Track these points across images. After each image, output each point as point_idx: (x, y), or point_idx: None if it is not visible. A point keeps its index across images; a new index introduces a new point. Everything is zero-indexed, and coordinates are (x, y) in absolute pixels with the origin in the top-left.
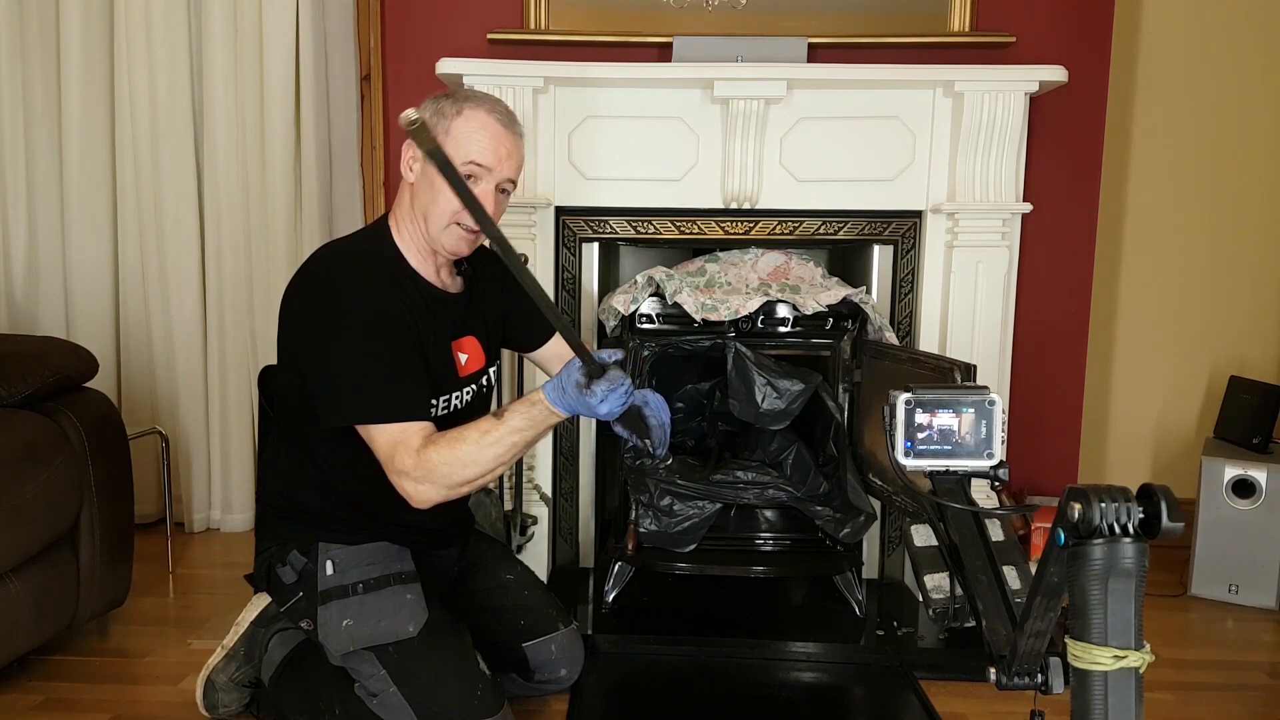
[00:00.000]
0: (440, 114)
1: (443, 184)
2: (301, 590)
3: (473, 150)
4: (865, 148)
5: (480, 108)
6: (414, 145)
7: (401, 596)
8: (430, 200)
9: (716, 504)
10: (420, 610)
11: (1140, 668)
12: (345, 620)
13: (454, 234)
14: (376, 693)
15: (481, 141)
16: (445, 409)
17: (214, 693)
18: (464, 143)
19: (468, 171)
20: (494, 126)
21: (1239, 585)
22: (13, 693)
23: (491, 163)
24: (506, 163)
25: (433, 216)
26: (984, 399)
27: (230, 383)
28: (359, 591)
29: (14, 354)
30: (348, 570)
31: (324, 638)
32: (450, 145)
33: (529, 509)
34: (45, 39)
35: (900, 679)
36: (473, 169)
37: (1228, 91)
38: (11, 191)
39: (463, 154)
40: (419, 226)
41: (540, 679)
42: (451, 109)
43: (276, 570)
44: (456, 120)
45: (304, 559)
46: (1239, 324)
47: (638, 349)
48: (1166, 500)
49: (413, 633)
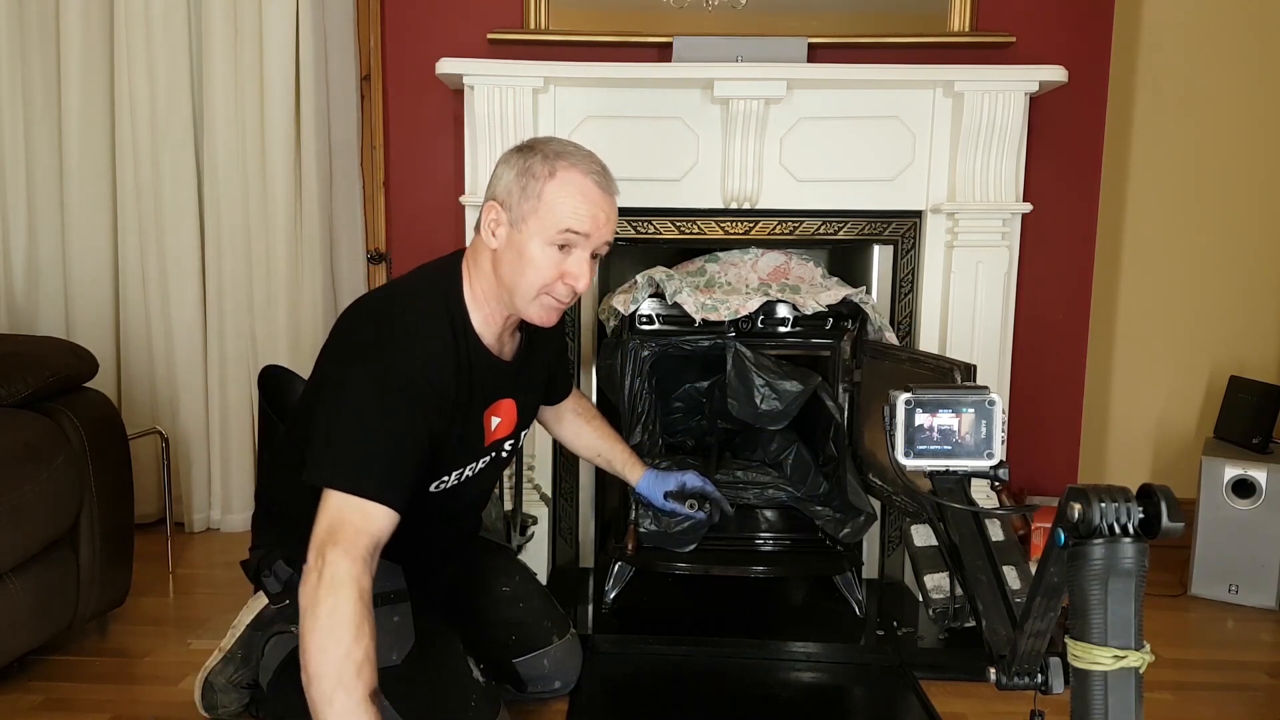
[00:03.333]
0: (530, 174)
1: (534, 253)
2: (289, 599)
3: (569, 218)
4: (865, 148)
5: (575, 168)
6: (498, 207)
7: (388, 620)
8: (518, 271)
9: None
10: (407, 635)
11: (1140, 668)
12: None
13: (543, 304)
14: None
15: (579, 208)
16: (456, 480)
17: (213, 694)
18: (559, 210)
19: (563, 240)
20: (591, 190)
21: (1239, 585)
22: (13, 693)
23: (589, 229)
24: (605, 228)
25: (521, 288)
26: (984, 399)
27: (230, 383)
28: None
29: (14, 354)
30: None
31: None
32: (542, 211)
33: (529, 509)
34: (45, 39)
35: (900, 679)
36: (569, 237)
37: (1228, 91)
38: (11, 191)
39: (557, 222)
40: (500, 293)
41: (533, 690)
42: (543, 169)
43: (263, 578)
44: (550, 184)
45: (289, 570)
46: (1239, 324)
47: (638, 349)
48: (1166, 500)
49: (396, 660)
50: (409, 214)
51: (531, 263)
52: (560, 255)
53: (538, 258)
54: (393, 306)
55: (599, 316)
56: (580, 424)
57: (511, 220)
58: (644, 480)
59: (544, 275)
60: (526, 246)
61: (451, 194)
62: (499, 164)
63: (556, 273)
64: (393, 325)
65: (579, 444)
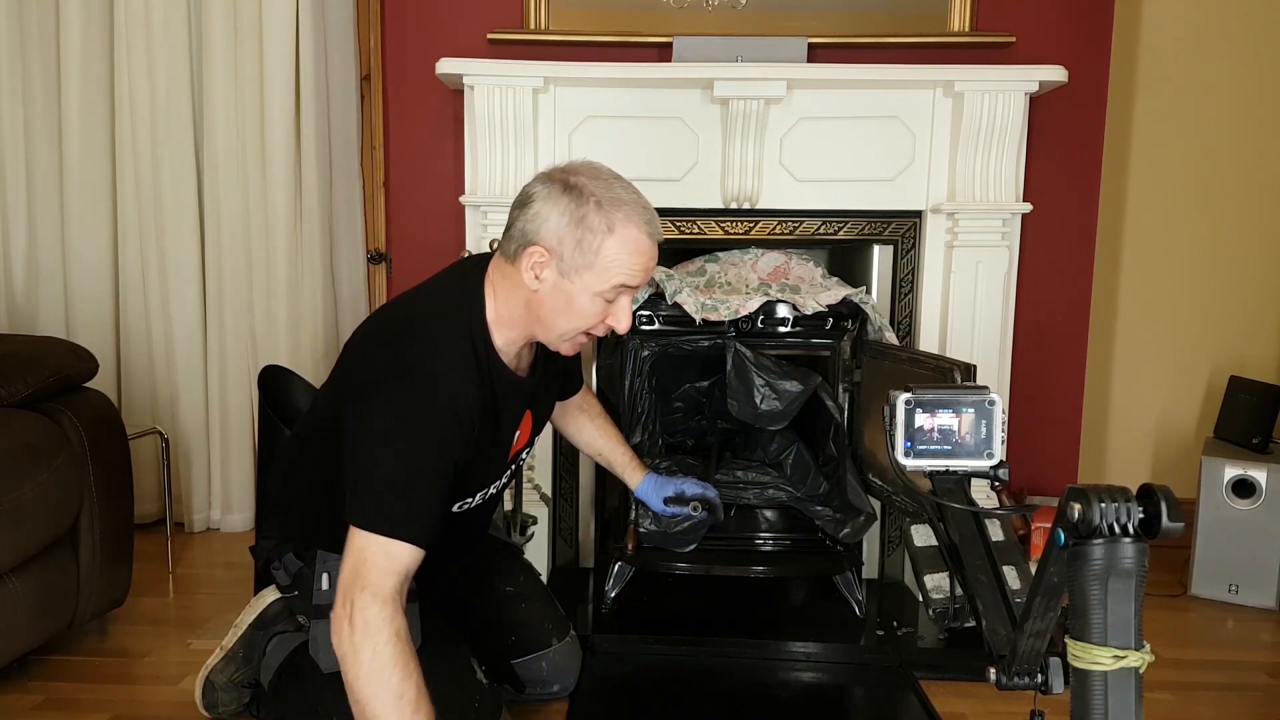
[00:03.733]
0: (586, 228)
1: (584, 304)
2: (297, 590)
3: (625, 275)
4: (865, 148)
5: (632, 223)
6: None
7: None
8: (562, 315)
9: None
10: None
11: (1140, 668)
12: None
13: (574, 343)
14: None
15: (636, 265)
16: (480, 499)
17: (213, 692)
18: (616, 268)
19: (615, 295)
20: (645, 245)
21: (1239, 585)
22: (13, 693)
23: (641, 282)
24: (650, 274)
25: (560, 328)
26: (984, 399)
27: (230, 383)
28: None
29: (14, 354)
30: None
31: (314, 653)
32: (599, 267)
33: (529, 509)
34: (45, 39)
35: (900, 679)
36: (621, 290)
37: (1228, 91)
38: (11, 191)
39: (612, 279)
40: (530, 328)
41: (532, 692)
42: (600, 223)
43: (272, 570)
44: (608, 240)
45: (299, 563)
46: (1239, 324)
47: (637, 349)
48: (1166, 500)
49: None
50: (409, 214)
51: (580, 312)
52: (606, 305)
53: (587, 308)
54: (413, 332)
55: None
56: (583, 420)
57: (561, 270)
58: (644, 485)
59: (589, 322)
60: (576, 297)
61: (451, 194)
62: (541, 202)
63: (601, 318)
64: (416, 354)
65: (580, 439)
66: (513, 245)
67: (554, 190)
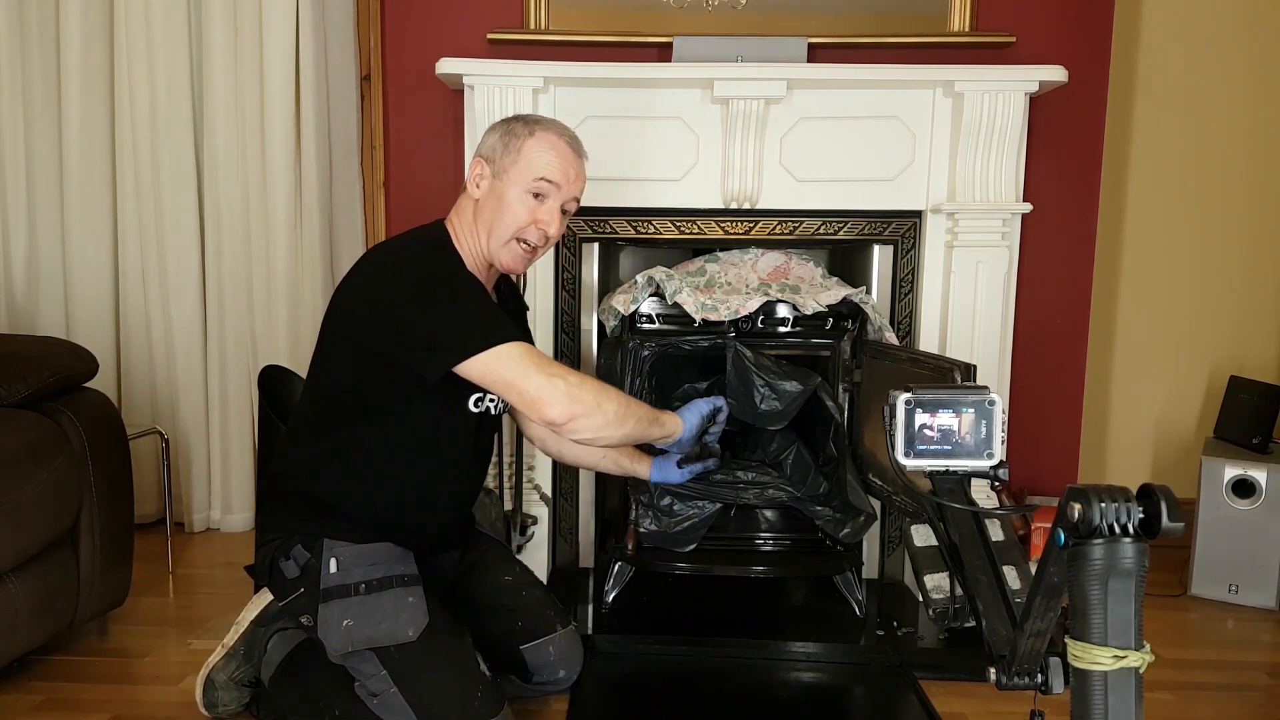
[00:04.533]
0: (511, 134)
1: (512, 200)
2: (303, 586)
3: (543, 169)
4: (865, 148)
5: (550, 130)
6: (484, 162)
7: (403, 600)
8: (498, 215)
9: (716, 504)
10: (421, 614)
11: (1140, 668)
12: (345, 620)
13: (513, 250)
14: (377, 692)
15: (552, 161)
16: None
17: (214, 691)
18: (535, 161)
19: (538, 189)
20: (563, 148)
21: (1239, 585)
22: (13, 693)
23: (560, 180)
24: (574, 183)
25: (496, 231)
26: (984, 399)
27: (230, 383)
28: (361, 592)
29: (14, 354)
30: (350, 569)
31: (323, 636)
32: (522, 164)
33: (529, 509)
34: (45, 39)
35: (900, 679)
36: (543, 185)
37: (1228, 91)
38: (11, 191)
39: (534, 171)
40: (478, 240)
41: (539, 680)
42: (523, 130)
43: (279, 564)
44: (529, 140)
45: (308, 554)
46: (1239, 324)
47: (637, 349)
48: (1166, 500)
49: (412, 637)
50: (409, 214)
51: (509, 207)
52: (535, 203)
53: (515, 203)
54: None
55: (599, 316)
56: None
57: (494, 172)
58: (654, 470)
59: (519, 219)
60: (506, 193)
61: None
62: (486, 132)
63: (530, 218)
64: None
65: (589, 458)
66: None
67: (496, 122)
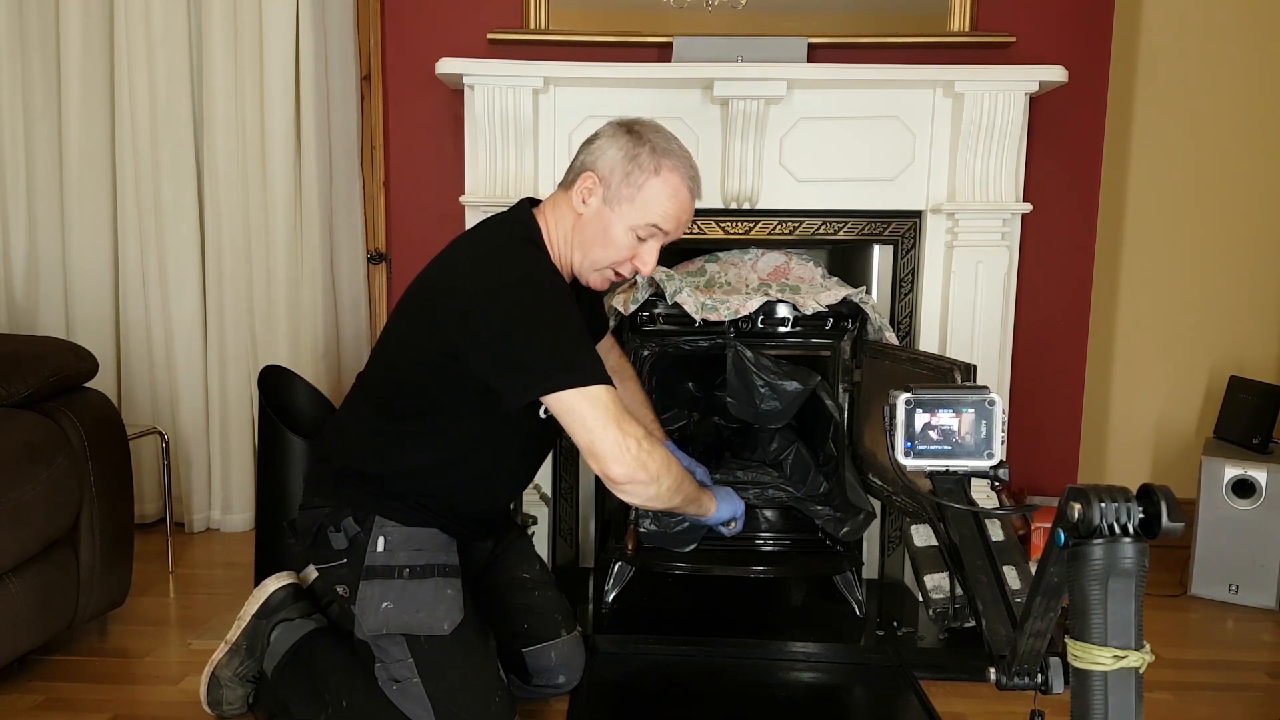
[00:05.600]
0: (637, 164)
1: (617, 235)
2: (347, 558)
3: (661, 217)
4: (865, 148)
5: (677, 171)
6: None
7: (443, 590)
8: (598, 243)
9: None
10: (458, 609)
11: (1140, 668)
12: (385, 602)
13: (603, 276)
14: (399, 678)
15: (670, 209)
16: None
17: (218, 688)
18: (654, 206)
19: (648, 233)
20: (684, 195)
21: (1239, 585)
22: (13, 693)
23: (672, 229)
24: (683, 227)
25: (594, 257)
26: (984, 399)
27: (230, 383)
28: (404, 576)
29: (14, 354)
30: (397, 551)
31: (360, 613)
32: (640, 202)
33: (529, 509)
34: (45, 39)
35: (900, 679)
36: (653, 231)
37: (1228, 91)
38: (11, 191)
39: (649, 216)
40: (571, 253)
41: (538, 684)
42: (650, 162)
43: (328, 532)
44: (653, 180)
45: (357, 528)
46: (1239, 324)
47: (637, 349)
48: (1166, 500)
49: (447, 630)
50: (409, 214)
51: (613, 241)
52: (637, 242)
53: (619, 239)
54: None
55: None
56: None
57: (606, 198)
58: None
59: (619, 255)
60: (613, 226)
61: (451, 194)
62: (604, 138)
63: (629, 255)
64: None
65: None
66: (571, 174)
67: (619, 131)
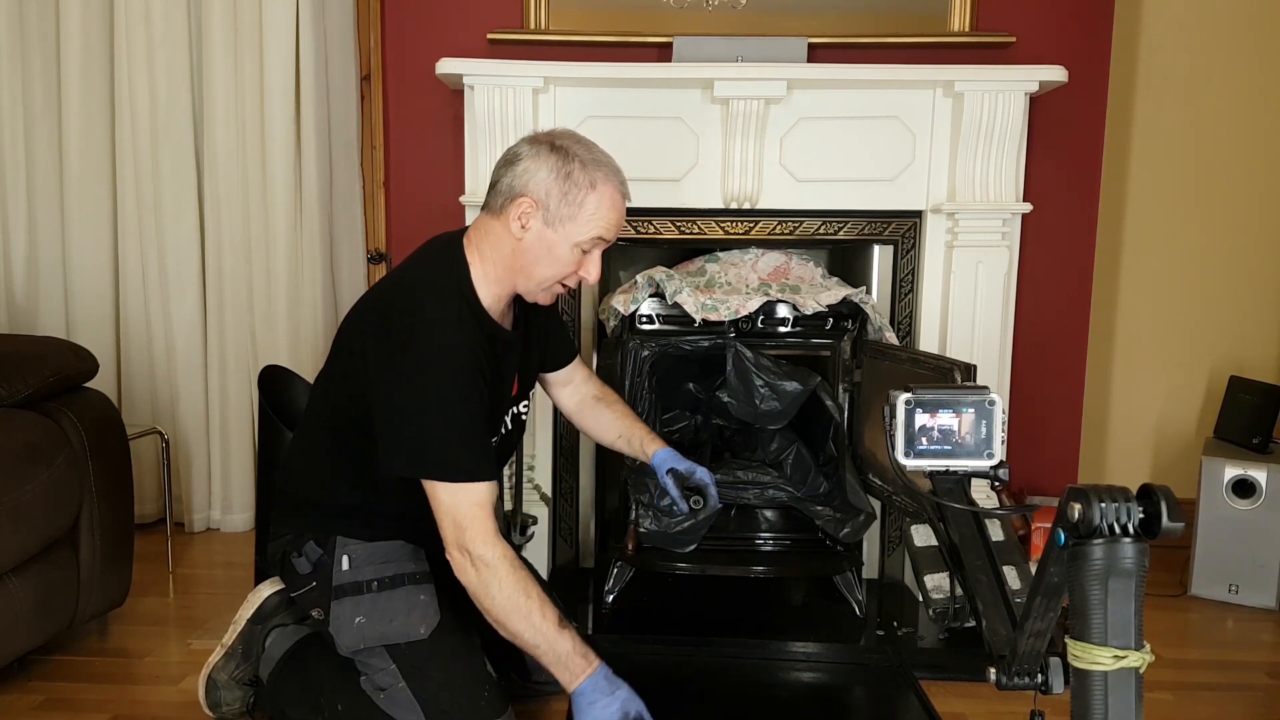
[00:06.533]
0: (571, 183)
1: (563, 253)
2: (315, 581)
3: (602, 228)
4: (865, 148)
5: (610, 182)
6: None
7: (415, 597)
8: (542, 264)
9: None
10: (433, 612)
11: (1140, 668)
12: (358, 618)
13: (551, 292)
14: (384, 687)
15: (613, 220)
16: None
17: (216, 691)
18: (595, 220)
19: (592, 246)
20: (619, 202)
21: (1239, 585)
22: (13, 693)
23: (613, 236)
24: (619, 231)
25: (539, 275)
26: (984, 399)
27: (230, 383)
28: (373, 589)
29: (14, 354)
30: (362, 567)
31: (335, 632)
32: (581, 220)
33: (529, 509)
34: (45, 39)
35: (900, 679)
36: (597, 242)
37: (1228, 91)
38: (11, 191)
39: (592, 231)
40: (513, 279)
41: (538, 680)
42: (584, 178)
43: (291, 559)
44: (590, 195)
45: (320, 550)
46: (1239, 324)
47: (637, 349)
48: (1166, 500)
49: (424, 635)
50: (409, 214)
51: (559, 259)
52: (582, 255)
53: (565, 256)
54: (412, 294)
55: (599, 316)
56: (601, 409)
57: (547, 220)
58: (660, 454)
59: (566, 270)
60: (557, 246)
61: (451, 194)
62: (528, 159)
63: (575, 268)
64: (419, 316)
65: (602, 431)
66: (499, 200)
67: (541, 150)
